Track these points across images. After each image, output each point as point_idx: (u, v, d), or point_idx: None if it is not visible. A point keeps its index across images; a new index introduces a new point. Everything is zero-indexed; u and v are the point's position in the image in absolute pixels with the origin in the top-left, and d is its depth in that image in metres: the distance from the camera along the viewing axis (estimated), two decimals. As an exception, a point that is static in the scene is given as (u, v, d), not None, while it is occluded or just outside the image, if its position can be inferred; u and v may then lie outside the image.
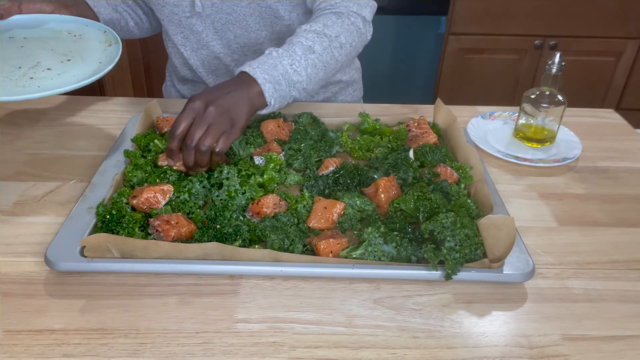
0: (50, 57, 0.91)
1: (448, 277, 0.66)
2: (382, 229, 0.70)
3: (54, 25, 1.01)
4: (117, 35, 0.96)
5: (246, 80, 0.84)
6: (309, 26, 0.92)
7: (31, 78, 0.84)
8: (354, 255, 0.69)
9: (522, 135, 1.03)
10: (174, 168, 0.82)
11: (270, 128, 0.95)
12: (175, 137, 0.79)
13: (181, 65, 1.19)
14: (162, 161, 0.84)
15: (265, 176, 0.83)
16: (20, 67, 0.87)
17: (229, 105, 0.80)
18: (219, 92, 0.81)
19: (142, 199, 0.75)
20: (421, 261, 0.69)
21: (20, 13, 0.96)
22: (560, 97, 0.98)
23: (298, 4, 1.07)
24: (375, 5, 1.04)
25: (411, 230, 0.73)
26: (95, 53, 0.93)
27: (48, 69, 0.87)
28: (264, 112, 0.87)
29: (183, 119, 0.78)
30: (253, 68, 0.84)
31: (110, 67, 0.87)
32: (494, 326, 0.63)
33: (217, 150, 0.79)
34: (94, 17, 1.05)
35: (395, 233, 0.71)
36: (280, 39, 1.11)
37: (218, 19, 1.06)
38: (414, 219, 0.76)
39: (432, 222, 0.70)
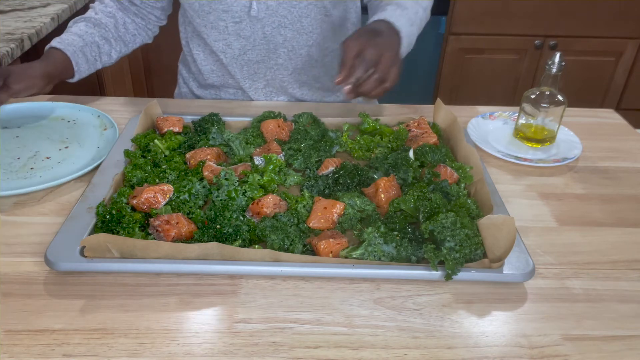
0: (48, 145, 0.95)
1: (448, 277, 0.66)
2: (382, 229, 0.70)
3: (47, 112, 1.06)
4: (112, 119, 1.02)
5: (395, 33, 0.90)
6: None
7: (32, 168, 0.89)
8: (354, 255, 0.69)
9: (522, 135, 1.03)
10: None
11: (270, 128, 0.95)
12: (350, 63, 0.82)
13: (210, 71, 1.17)
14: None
15: (264, 177, 0.83)
16: (19, 158, 0.91)
17: (394, 55, 0.86)
18: (384, 40, 0.86)
19: (142, 199, 0.75)
20: (421, 261, 0.69)
21: (11, 95, 0.92)
22: (560, 97, 0.98)
23: (348, 5, 1.10)
24: None
25: (411, 230, 0.73)
26: (91, 138, 0.98)
27: (47, 157, 0.92)
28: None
29: (356, 44, 0.83)
30: (401, 29, 0.91)
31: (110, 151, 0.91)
32: (494, 326, 0.63)
33: (386, 86, 0.84)
34: (72, 75, 1.06)
35: (395, 233, 0.71)
36: (325, 37, 1.11)
37: (270, 23, 1.06)
38: (414, 219, 0.76)
39: (432, 222, 0.70)
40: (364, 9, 1.17)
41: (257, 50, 1.10)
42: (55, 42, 1.04)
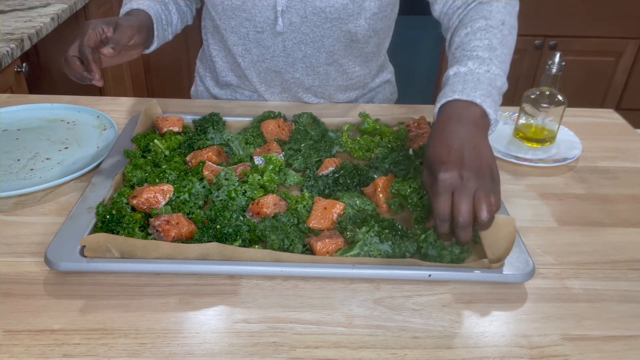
0: (48, 147, 0.95)
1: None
2: (376, 228, 0.70)
3: (46, 114, 1.06)
4: (111, 120, 1.02)
5: (465, 110, 0.75)
6: (470, 28, 0.87)
7: (32, 169, 0.89)
8: (349, 256, 0.69)
9: (522, 135, 1.03)
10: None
11: (270, 128, 0.95)
12: (446, 221, 0.68)
13: (229, 70, 1.16)
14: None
15: (264, 177, 0.83)
16: (19, 160, 0.91)
17: (477, 156, 0.69)
18: (457, 144, 0.70)
19: (142, 199, 0.75)
20: (415, 256, 0.70)
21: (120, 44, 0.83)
22: (560, 97, 0.98)
23: (377, 31, 1.07)
24: None
25: (400, 227, 0.72)
26: (91, 139, 0.98)
27: (47, 158, 0.92)
28: (491, 130, 0.78)
29: (443, 199, 0.68)
30: (467, 94, 0.75)
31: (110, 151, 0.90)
32: (494, 326, 0.63)
33: (495, 211, 0.68)
34: (151, 40, 1.00)
35: (387, 231, 0.71)
36: (349, 60, 1.09)
37: (291, 38, 1.04)
38: (411, 206, 0.76)
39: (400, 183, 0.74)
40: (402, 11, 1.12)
41: (275, 61, 1.08)
42: (134, 5, 0.98)
